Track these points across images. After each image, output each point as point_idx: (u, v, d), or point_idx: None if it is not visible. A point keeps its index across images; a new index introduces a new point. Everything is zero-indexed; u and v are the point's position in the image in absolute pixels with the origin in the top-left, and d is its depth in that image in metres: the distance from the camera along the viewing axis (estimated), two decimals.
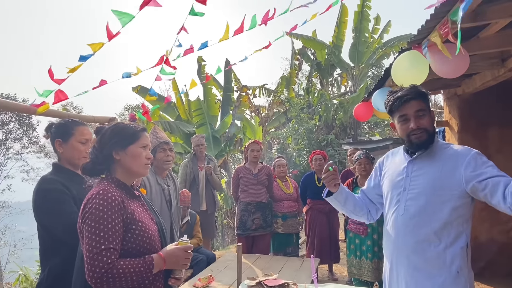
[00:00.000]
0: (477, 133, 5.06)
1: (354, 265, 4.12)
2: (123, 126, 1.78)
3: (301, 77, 20.64)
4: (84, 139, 2.28)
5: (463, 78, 4.61)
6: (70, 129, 2.27)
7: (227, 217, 12.03)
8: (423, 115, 1.86)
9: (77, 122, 2.36)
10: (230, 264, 4.16)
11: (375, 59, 16.77)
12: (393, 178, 1.99)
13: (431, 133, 1.87)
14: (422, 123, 1.85)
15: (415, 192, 1.85)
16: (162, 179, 3.14)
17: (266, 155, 14.24)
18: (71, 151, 2.25)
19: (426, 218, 1.80)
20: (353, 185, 4.26)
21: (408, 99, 1.86)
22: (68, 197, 2.10)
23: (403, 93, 1.88)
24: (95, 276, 1.46)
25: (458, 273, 1.74)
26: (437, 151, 1.87)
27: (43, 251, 2.14)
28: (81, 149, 2.25)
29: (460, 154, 1.79)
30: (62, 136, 2.26)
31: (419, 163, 1.89)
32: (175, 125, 11.11)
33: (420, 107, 1.86)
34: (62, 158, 2.28)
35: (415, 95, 1.87)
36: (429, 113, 1.89)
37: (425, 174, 1.85)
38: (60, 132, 2.28)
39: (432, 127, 1.89)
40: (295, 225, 5.27)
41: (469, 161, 1.74)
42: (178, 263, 1.69)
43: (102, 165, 1.73)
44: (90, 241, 1.50)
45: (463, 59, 2.74)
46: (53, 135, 2.30)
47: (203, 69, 12.11)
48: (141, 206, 1.78)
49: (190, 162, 5.67)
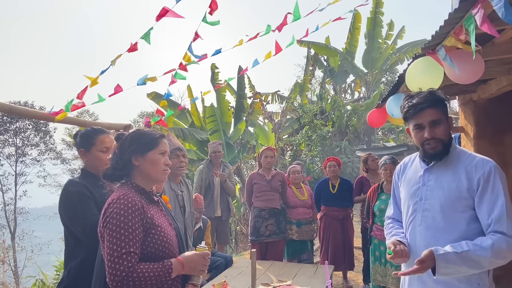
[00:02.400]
0: (493, 140, 4.98)
1: (379, 272, 4.04)
2: (142, 133, 1.81)
3: (314, 83, 20.63)
4: (104, 148, 2.36)
5: (478, 84, 4.56)
6: (91, 139, 2.37)
7: (240, 224, 12.03)
8: (438, 124, 1.80)
9: (98, 130, 2.44)
10: (244, 270, 4.16)
11: (388, 65, 16.71)
12: (410, 187, 1.95)
13: (446, 142, 1.81)
14: (437, 133, 1.79)
15: (432, 202, 1.82)
16: (176, 184, 3.17)
17: (279, 161, 14.24)
18: (93, 160, 2.34)
19: (443, 229, 1.77)
20: (378, 191, 4.21)
21: (423, 108, 1.79)
22: (90, 200, 2.19)
23: (418, 101, 1.81)
24: (116, 279, 1.50)
25: (479, 285, 1.70)
26: (453, 160, 1.81)
27: (67, 251, 2.25)
28: (102, 157, 2.32)
29: (476, 166, 1.75)
30: (84, 146, 2.37)
31: (435, 171, 1.85)
32: (188, 132, 11.20)
33: (436, 117, 1.79)
34: (87, 165, 2.38)
35: (431, 103, 1.79)
36: (446, 121, 1.82)
37: (441, 184, 1.80)
38: (83, 142, 2.38)
39: (448, 136, 1.83)
40: (309, 232, 5.25)
41: (479, 179, 1.72)
42: (196, 268, 1.72)
43: (122, 171, 1.76)
44: (111, 245, 1.54)
45: (478, 65, 2.72)
46: (78, 145, 2.42)
47: (217, 76, 12.20)
48: (159, 212, 1.81)
49: (206, 168, 5.72)
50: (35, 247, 16.40)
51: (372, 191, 4.29)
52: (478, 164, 1.74)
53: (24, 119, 15.39)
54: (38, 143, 16.81)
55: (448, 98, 1.89)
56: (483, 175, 1.70)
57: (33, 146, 16.77)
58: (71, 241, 2.22)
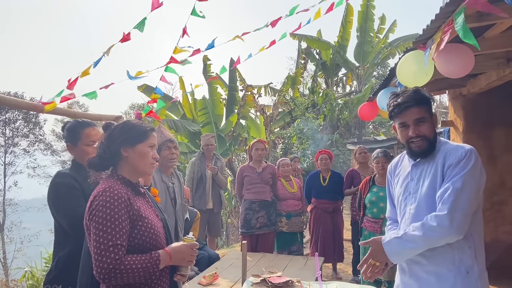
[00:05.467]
0: (482, 133, 5.04)
1: None
2: (133, 124, 1.80)
3: (306, 76, 20.65)
4: (91, 142, 2.32)
5: (468, 78, 4.61)
6: (77, 133, 2.34)
7: (231, 216, 12.06)
8: (422, 122, 1.84)
9: (84, 124, 2.39)
10: (235, 262, 4.17)
11: (380, 59, 16.76)
12: (401, 183, 2.00)
13: (431, 140, 1.84)
14: (422, 131, 1.83)
15: (417, 196, 1.86)
16: (167, 176, 3.17)
17: (270, 154, 14.26)
18: (81, 154, 2.32)
19: None
20: (370, 184, 4.25)
21: (408, 107, 1.83)
22: (77, 192, 2.19)
23: (403, 100, 1.84)
24: (103, 272, 1.49)
25: (468, 273, 1.71)
26: (437, 152, 1.84)
27: (56, 242, 2.26)
28: (89, 151, 2.28)
29: (450, 153, 1.77)
30: (71, 140, 2.35)
31: (421, 166, 1.88)
32: (180, 124, 11.16)
33: (420, 115, 1.83)
34: (76, 158, 2.36)
35: (415, 102, 1.82)
36: (430, 119, 1.86)
37: (425, 177, 1.84)
38: (69, 136, 2.36)
39: (433, 133, 1.86)
40: (299, 224, 5.29)
41: (451, 164, 1.74)
42: (184, 259, 1.72)
43: (109, 161, 1.75)
44: (98, 238, 1.53)
45: (468, 59, 2.74)
46: (65, 139, 2.39)
47: (209, 68, 12.15)
48: (146, 203, 1.80)
49: (198, 160, 5.71)
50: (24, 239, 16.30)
51: (364, 184, 4.33)
52: (452, 150, 1.77)
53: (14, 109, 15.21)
54: (28, 134, 16.63)
55: (431, 96, 1.91)
56: (454, 160, 1.72)
57: (23, 137, 16.59)
58: (61, 232, 2.22)
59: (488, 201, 5.05)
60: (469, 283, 1.72)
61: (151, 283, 1.66)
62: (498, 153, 5.04)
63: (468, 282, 1.72)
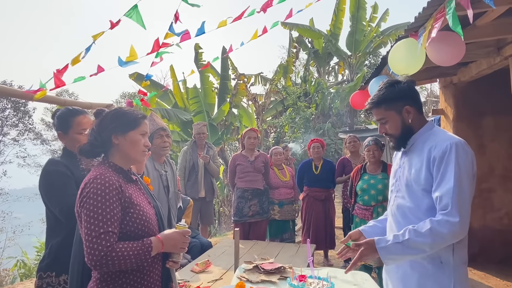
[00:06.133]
0: (471, 122, 5.10)
1: None
2: (125, 112, 1.78)
3: (298, 65, 20.58)
4: (82, 130, 2.30)
5: (459, 67, 4.64)
6: (68, 121, 2.30)
7: (224, 205, 12.10)
8: (384, 123, 1.90)
9: (75, 111, 2.36)
10: (227, 250, 4.20)
11: (372, 47, 16.73)
12: (393, 170, 2.04)
13: (397, 136, 1.89)
14: (386, 130, 1.91)
15: (402, 183, 1.89)
16: (160, 164, 3.16)
17: (263, 143, 14.27)
18: (72, 143, 2.29)
19: (409, 208, 1.83)
20: (361, 171, 4.28)
21: (369, 110, 1.94)
22: (69, 180, 2.17)
23: (367, 103, 1.95)
24: (94, 259, 1.48)
25: (441, 263, 1.74)
26: (425, 141, 1.85)
27: (48, 230, 2.25)
28: (81, 140, 2.25)
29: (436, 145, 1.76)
30: (62, 128, 2.31)
31: (410, 154, 1.91)
32: (172, 113, 11.11)
33: (379, 116, 1.91)
34: (67, 146, 2.34)
35: (373, 105, 1.91)
36: (396, 117, 1.87)
37: (411, 166, 1.86)
38: (60, 124, 2.32)
39: (398, 130, 1.88)
40: (291, 212, 5.33)
41: (435, 157, 1.73)
42: (176, 246, 1.72)
43: (100, 148, 1.73)
44: (89, 225, 1.52)
45: (459, 47, 2.76)
46: (56, 127, 2.36)
47: (200, 56, 12.05)
48: (138, 190, 1.79)
49: (190, 149, 5.70)
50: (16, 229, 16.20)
51: (355, 172, 4.37)
52: (438, 143, 1.76)
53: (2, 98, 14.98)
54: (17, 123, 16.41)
55: (399, 90, 1.87)
56: (438, 153, 1.72)
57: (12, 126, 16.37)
58: (52, 219, 2.21)
59: (476, 189, 5.08)
60: (442, 274, 1.73)
61: (143, 270, 1.66)
62: (487, 141, 5.11)
63: (442, 273, 1.73)
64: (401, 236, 1.68)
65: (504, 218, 5.08)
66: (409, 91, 1.88)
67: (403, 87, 1.87)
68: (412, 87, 1.91)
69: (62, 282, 2.13)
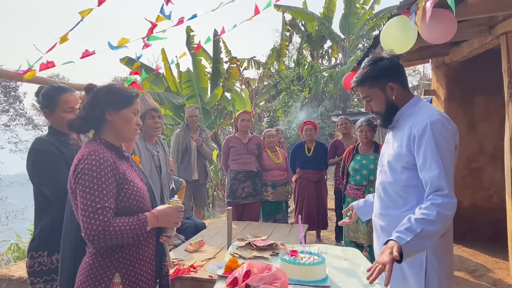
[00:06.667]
0: (463, 102, 5.13)
1: (352, 228, 4.20)
2: (118, 88, 1.76)
3: (291, 49, 20.46)
4: (69, 108, 2.24)
5: (451, 46, 4.64)
6: (54, 99, 2.24)
7: (217, 189, 12.13)
8: (369, 100, 1.92)
9: (61, 89, 2.29)
10: (221, 230, 4.24)
11: (365, 30, 16.67)
12: (382, 147, 2.07)
13: (383, 113, 1.91)
14: (371, 107, 1.93)
15: (385, 159, 1.93)
16: (152, 145, 3.16)
17: (256, 127, 14.26)
18: (59, 121, 2.23)
19: (389, 183, 1.87)
20: (353, 152, 4.31)
21: (354, 87, 1.95)
22: (58, 159, 2.14)
23: (352, 81, 1.95)
24: (92, 233, 1.49)
25: None
26: (408, 117, 1.85)
27: (37, 209, 2.21)
28: (68, 117, 2.15)
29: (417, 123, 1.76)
30: (47, 106, 2.25)
31: (394, 130, 1.94)
32: (164, 97, 11.02)
33: (364, 94, 1.92)
34: (54, 125, 2.28)
35: (357, 83, 1.92)
36: (380, 94, 1.87)
37: (394, 142, 1.89)
38: (45, 102, 2.26)
39: (383, 107, 1.89)
40: (284, 193, 5.37)
41: (414, 135, 1.74)
42: (170, 221, 1.73)
43: (92, 124, 1.72)
44: (85, 201, 1.52)
45: (451, 24, 2.75)
46: (41, 105, 2.30)
47: (192, 39, 11.91)
48: (130, 167, 1.79)
49: (183, 132, 5.68)
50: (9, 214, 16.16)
51: (348, 152, 4.40)
52: (419, 120, 1.76)
53: None
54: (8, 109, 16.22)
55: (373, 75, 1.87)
56: (418, 132, 1.73)
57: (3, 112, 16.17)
58: (41, 199, 2.17)
59: (466, 168, 5.20)
60: None
61: (138, 244, 1.68)
62: (478, 121, 5.15)
63: None
64: (412, 230, 1.61)
65: (493, 197, 5.16)
66: (392, 67, 1.86)
67: (386, 63, 1.86)
68: (396, 63, 1.89)
69: (55, 262, 2.12)
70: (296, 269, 1.95)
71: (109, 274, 1.59)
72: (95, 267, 1.59)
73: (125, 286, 1.61)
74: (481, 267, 4.36)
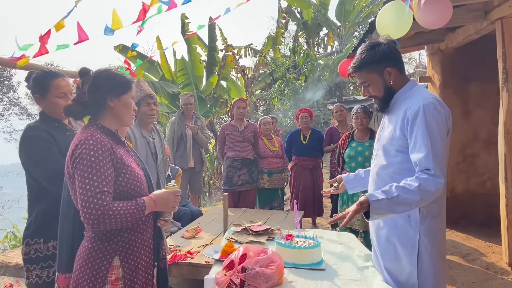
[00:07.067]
0: (458, 88, 5.15)
1: None
2: (117, 74, 1.76)
3: (287, 37, 20.34)
4: (61, 93, 2.21)
5: (446, 33, 4.64)
6: (46, 84, 2.20)
7: (214, 177, 12.16)
8: (367, 86, 1.93)
9: (52, 74, 2.25)
10: (217, 217, 4.26)
11: (361, 18, 16.57)
12: (378, 131, 2.09)
13: (382, 98, 1.93)
14: (369, 92, 1.95)
15: (380, 143, 1.95)
16: (147, 132, 3.15)
17: (252, 116, 14.24)
18: (51, 107, 2.21)
19: (384, 166, 1.90)
20: (349, 139, 4.32)
21: (352, 73, 1.96)
22: (51, 145, 2.11)
23: (350, 67, 1.97)
24: (91, 217, 1.50)
25: (409, 217, 1.81)
26: (401, 104, 1.88)
27: (30, 197, 2.19)
28: (61, 103, 2.18)
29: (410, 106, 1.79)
30: (39, 92, 2.21)
31: (390, 114, 1.96)
32: (159, 85, 10.95)
33: (362, 79, 1.94)
34: (45, 111, 2.25)
35: (355, 69, 1.93)
36: (379, 77, 1.89)
37: (389, 125, 1.92)
38: (37, 87, 2.22)
39: (382, 91, 1.91)
40: (280, 181, 5.40)
41: (408, 118, 1.77)
42: (167, 205, 1.75)
43: (92, 109, 1.72)
44: (84, 185, 1.53)
45: (446, 9, 2.75)
46: (32, 90, 2.25)
47: (187, 27, 11.79)
48: (127, 152, 1.80)
49: (178, 120, 5.67)
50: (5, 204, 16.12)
51: (343, 139, 4.41)
52: (413, 103, 1.79)
53: None
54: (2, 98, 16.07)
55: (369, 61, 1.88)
56: (411, 115, 1.76)
57: None
58: (35, 186, 2.15)
59: (461, 154, 5.24)
60: (409, 226, 1.81)
61: (137, 228, 1.69)
62: (473, 107, 5.17)
63: (408, 226, 1.81)
64: (389, 193, 1.69)
65: (487, 183, 5.21)
66: (389, 52, 1.88)
67: (383, 49, 1.88)
68: (393, 48, 1.90)
69: (51, 248, 2.11)
70: (291, 252, 1.97)
71: (108, 258, 1.60)
72: (94, 251, 1.60)
73: (125, 269, 1.63)
74: (474, 251, 4.42)
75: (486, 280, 3.67)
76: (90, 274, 1.58)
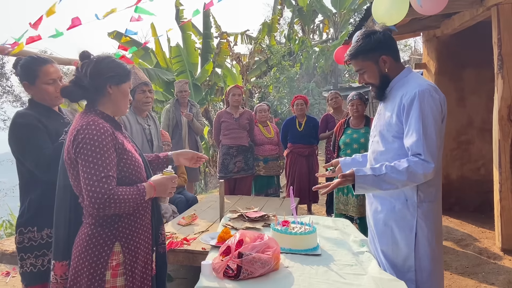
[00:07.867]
0: (453, 75, 5.15)
1: (342, 201, 4.26)
2: (119, 62, 1.77)
3: (283, 24, 20.18)
4: (50, 80, 2.16)
5: (442, 19, 4.63)
6: (34, 71, 2.15)
7: (209, 165, 12.17)
8: (363, 73, 1.96)
9: (40, 60, 2.20)
10: (213, 204, 4.27)
11: (357, 4, 16.45)
12: (375, 118, 2.11)
13: (378, 85, 1.95)
14: (365, 79, 1.97)
15: (377, 129, 1.98)
16: (142, 119, 3.14)
17: (247, 103, 14.20)
18: (41, 94, 2.17)
19: (381, 152, 1.93)
20: (344, 126, 4.32)
21: (348, 61, 1.99)
22: (42, 133, 2.08)
23: (346, 54, 1.99)
24: (97, 201, 1.51)
25: (406, 201, 1.85)
26: (398, 90, 1.90)
27: (22, 185, 2.15)
28: (50, 90, 2.15)
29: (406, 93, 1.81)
30: (27, 78, 2.16)
31: (386, 102, 1.98)
32: (154, 73, 10.87)
33: (358, 67, 1.96)
34: (34, 98, 2.21)
35: (350, 56, 1.96)
36: (373, 66, 1.92)
37: (385, 111, 1.95)
38: (25, 74, 2.17)
39: (378, 79, 1.93)
40: (276, 168, 5.41)
41: (404, 105, 1.80)
42: (165, 191, 1.78)
43: (91, 94, 1.72)
44: (89, 170, 1.54)
45: None
46: (20, 77, 2.20)
47: (181, 13, 11.67)
48: (125, 138, 1.82)
49: (173, 107, 5.64)
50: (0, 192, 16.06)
51: (339, 126, 4.42)
52: (408, 90, 1.82)
53: None
54: None
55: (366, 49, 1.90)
56: (407, 101, 1.79)
57: None
58: (26, 174, 2.12)
59: (455, 141, 5.27)
60: (406, 210, 1.85)
61: (137, 214, 1.72)
62: (468, 94, 5.18)
63: (406, 210, 1.85)
64: (378, 170, 1.78)
65: (481, 169, 5.26)
66: (385, 40, 1.90)
67: (379, 37, 1.90)
68: (388, 35, 1.93)
69: (45, 237, 2.10)
70: (287, 238, 1.99)
71: (109, 244, 1.62)
72: (95, 237, 1.61)
73: (125, 254, 1.65)
74: (467, 236, 4.48)
75: (479, 265, 3.73)
76: (91, 261, 1.59)
